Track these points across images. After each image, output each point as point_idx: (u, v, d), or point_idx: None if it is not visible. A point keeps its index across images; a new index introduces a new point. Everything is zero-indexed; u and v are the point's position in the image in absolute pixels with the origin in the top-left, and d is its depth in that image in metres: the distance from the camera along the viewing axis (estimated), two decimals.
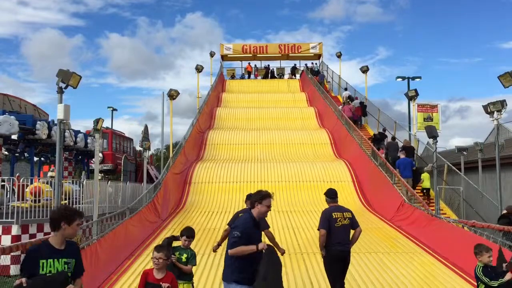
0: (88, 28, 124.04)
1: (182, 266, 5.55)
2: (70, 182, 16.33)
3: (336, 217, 6.36)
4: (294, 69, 36.82)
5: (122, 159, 26.60)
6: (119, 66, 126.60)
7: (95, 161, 14.41)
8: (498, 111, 12.20)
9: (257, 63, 37.89)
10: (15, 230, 10.75)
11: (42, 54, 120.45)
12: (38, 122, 17.53)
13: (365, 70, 27.67)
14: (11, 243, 9.14)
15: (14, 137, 16.72)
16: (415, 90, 19.89)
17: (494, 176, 12.90)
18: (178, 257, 5.60)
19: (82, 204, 13.80)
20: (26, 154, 20.05)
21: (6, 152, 19.57)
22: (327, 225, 6.31)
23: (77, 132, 20.71)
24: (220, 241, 7.09)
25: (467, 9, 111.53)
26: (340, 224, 6.34)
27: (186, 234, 5.80)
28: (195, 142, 19.91)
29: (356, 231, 6.50)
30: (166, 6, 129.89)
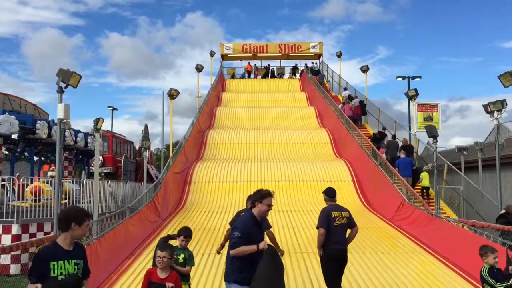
0: (88, 27, 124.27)
1: (179, 268, 5.34)
2: (70, 182, 16.34)
3: (334, 216, 6.37)
4: (294, 68, 36.80)
5: (122, 158, 26.60)
6: (119, 66, 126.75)
7: (95, 160, 14.41)
8: (498, 111, 12.19)
9: (257, 63, 37.88)
10: (15, 229, 10.75)
11: (42, 53, 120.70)
12: (38, 122, 17.54)
13: (365, 70, 27.62)
14: (11, 243, 9.17)
15: (14, 136, 16.74)
16: (415, 90, 19.88)
17: (494, 175, 12.90)
18: (175, 257, 5.55)
19: (82, 203, 13.80)
20: (26, 154, 20.08)
21: (6, 151, 19.58)
22: (326, 224, 6.32)
23: (77, 131, 20.70)
24: (223, 242, 7.03)
25: (468, 8, 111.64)
26: (338, 223, 6.35)
27: (183, 234, 5.70)
28: (195, 142, 19.91)
29: (353, 230, 6.51)
30: (167, 5, 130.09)
